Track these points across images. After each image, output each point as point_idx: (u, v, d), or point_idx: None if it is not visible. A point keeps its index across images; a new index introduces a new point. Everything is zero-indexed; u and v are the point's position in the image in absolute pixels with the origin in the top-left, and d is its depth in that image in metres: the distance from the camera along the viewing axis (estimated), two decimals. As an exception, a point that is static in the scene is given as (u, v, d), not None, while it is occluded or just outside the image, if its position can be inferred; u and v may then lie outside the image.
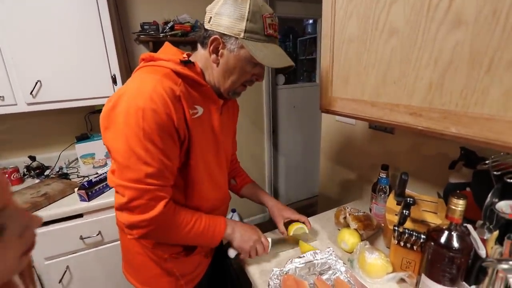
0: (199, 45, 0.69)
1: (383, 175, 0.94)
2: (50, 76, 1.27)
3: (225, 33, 0.62)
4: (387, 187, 0.92)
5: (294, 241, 0.87)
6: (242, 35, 0.61)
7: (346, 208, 0.90)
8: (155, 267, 0.77)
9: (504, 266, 0.49)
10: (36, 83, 1.24)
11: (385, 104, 0.63)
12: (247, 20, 0.60)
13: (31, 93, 1.24)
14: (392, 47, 0.59)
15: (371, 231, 0.87)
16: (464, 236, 0.56)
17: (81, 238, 1.21)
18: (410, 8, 0.54)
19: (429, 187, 0.93)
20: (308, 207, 2.81)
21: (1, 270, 0.30)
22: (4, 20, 1.15)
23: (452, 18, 0.48)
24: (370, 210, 1.03)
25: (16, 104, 1.25)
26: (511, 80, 0.42)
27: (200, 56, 0.69)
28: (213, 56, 0.66)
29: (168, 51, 0.70)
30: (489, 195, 0.56)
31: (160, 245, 0.75)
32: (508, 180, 0.51)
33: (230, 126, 0.87)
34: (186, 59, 0.65)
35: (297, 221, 0.91)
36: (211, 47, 0.65)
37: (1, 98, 1.22)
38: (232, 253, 0.79)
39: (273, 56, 0.64)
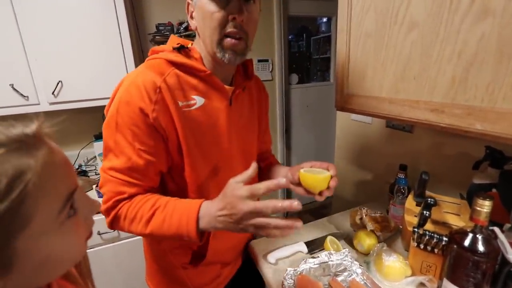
0: None
1: (401, 175, 0.90)
2: (70, 77, 1.32)
3: None
4: (406, 188, 0.89)
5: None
6: None
7: (362, 208, 0.87)
8: (167, 275, 0.76)
9: None
10: (58, 83, 1.29)
11: (404, 100, 0.61)
12: None
13: (53, 93, 1.30)
14: (412, 41, 0.57)
15: (388, 233, 0.84)
16: (490, 239, 0.53)
17: (99, 233, 1.25)
18: (431, 0, 0.52)
19: (451, 188, 0.89)
20: (322, 208, 2.77)
21: (76, 250, 0.33)
22: (29, 25, 1.21)
23: (478, 8, 0.45)
24: (387, 211, 0.99)
25: (39, 104, 1.31)
26: (545, 72, 0.39)
27: (196, 38, 0.64)
28: (192, 22, 0.62)
29: (169, 42, 0.65)
30: (519, 196, 0.52)
31: (171, 253, 0.72)
32: (540, 180, 0.48)
33: (251, 117, 0.75)
34: (178, 45, 0.60)
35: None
36: (188, 15, 0.62)
37: (26, 98, 1.27)
38: (271, 258, 0.76)
39: None
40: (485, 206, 0.51)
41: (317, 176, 0.60)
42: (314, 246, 0.85)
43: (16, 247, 0.26)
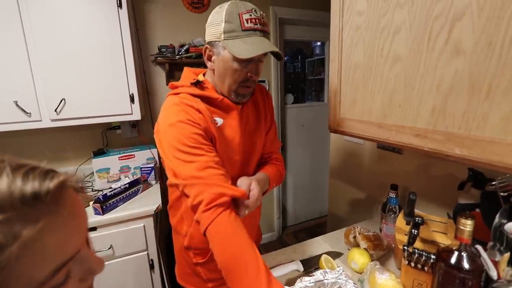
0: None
1: (392, 195, 0.94)
2: (74, 95, 1.36)
3: (212, 40, 0.68)
4: (397, 207, 0.93)
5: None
6: (222, 37, 0.65)
7: (356, 227, 0.90)
8: (187, 267, 0.88)
9: None
10: (61, 101, 1.33)
11: (391, 125, 0.66)
12: (224, 21, 0.65)
13: (55, 110, 1.33)
14: (396, 73, 0.63)
15: (381, 251, 0.86)
16: (474, 257, 0.56)
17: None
18: (412, 38, 0.59)
19: (438, 208, 0.93)
20: (318, 227, 2.77)
21: None
22: (37, 45, 1.26)
23: (451, 48, 0.52)
24: (381, 230, 1.02)
25: (41, 120, 1.34)
26: (509, 105, 0.45)
27: (208, 71, 0.76)
28: (209, 64, 0.73)
29: (184, 76, 0.78)
30: (497, 216, 0.56)
31: (190, 251, 0.84)
32: (515, 201, 0.52)
33: (258, 122, 0.84)
34: (195, 81, 0.72)
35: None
36: (206, 57, 0.72)
37: (28, 114, 1.30)
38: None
39: (250, 47, 0.64)
40: (467, 225, 0.55)
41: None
42: (310, 265, 0.87)
43: None
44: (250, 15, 0.64)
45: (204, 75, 0.79)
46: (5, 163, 0.25)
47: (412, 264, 0.70)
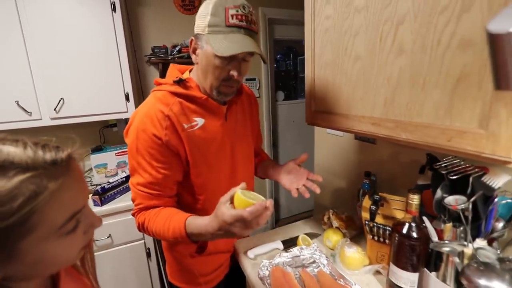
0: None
1: (366, 181, 1.04)
2: (72, 94, 1.44)
3: (198, 32, 0.66)
4: (369, 191, 1.02)
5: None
6: (206, 30, 0.64)
7: (330, 210, 0.99)
8: (178, 263, 0.90)
9: (446, 248, 0.59)
10: (60, 100, 1.41)
11: (355, 116, 0.75)
12: (210, 14, 0.62)
13: (54, 109, 1.41)
14: (357, 70, 0.72)
15: (354, 230, 0.96)
16: (421, 227, 0.66)
17: (93, 240, 1.32)
18: (368, 40, 0.68)
19: (404, 190, 1.02)
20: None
21: (68, 257, 0.38)
22: (36, 48, 1.34)
23: (396, 48, 0.61)
24: (357, 213, 1.12)
25: (41, 119, 1.42)
26: (438, 95, 0.54)
27: (194, 67, 0.75)
28: (193, 56, 0.71)
29: (169, 74, 0.77)
30: (438, 190, 0.66)
31: (181, 244, 0.86)
32: (450, 177, 0.62)
33: (245, 125, 0.87)
34: (177, 79, 0.71)
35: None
36: (191, 49, 0.70)
37: (29, 113, 1.38)
38: (251, 254, 0.89)
39: (230, 45, 0.62)
40: (414, 199, 0.65)
41: (249, 202, 0.57)
42: (290, 244, 0.96)
43: (18, 248, 0.32)
44: (237, 11, 0.62)
45: (190, 71, 0.79)
46: (25, 139, 0.34)
47: (376, 238, 0.79)
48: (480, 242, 0.63)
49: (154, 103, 0.71)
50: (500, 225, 0.64)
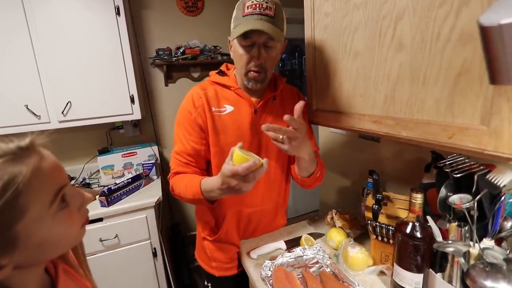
0: None
1: (369, 179, 1.02)
2: (79, 98, 1.48)
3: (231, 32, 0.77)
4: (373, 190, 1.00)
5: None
6: (231, 26, 0.76)
7: (333, 210, 0.98)
8: (199, 241, 1.01)
9: (450, 248, 0.57)
10: (67, 103, 1.45)
11: (355, 114, 0.74)
12: (235, 13, 0.74)
13: (62, 112, 1.44)
14: (357, 67, 0.71)
15: (358, 230, 0.94)
16: (425, 226, 0.64)
17: (101, 240, 1.35)
18: (367, 36, 0.66)
19: (408, 188, 1.00)
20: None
21: (70, 234, 0.40)
22: (44, 53, 1.38)
23: (396, 43, 0.59)
24: (362, 212, 1.10)
25: (49, 122, 1.46)
26: (439, 91, 0.52)
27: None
28: (231, 54, 0.83)
29: (220, 68, 0.90)
30: (442, 188, 0.64)
31: (199, 225, 0.99)
32: (455, 175, 0.60)
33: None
34: (218, 70, 0.87)
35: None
36: (229, 47, 0.83)
37: (38, 117, 1.42)
38: (254, 254, 0.90)
39: (242, 28, 0.69)
40: (417, 198, 0.63)
41: (245, 157, 0.60)
42: (293, 244, 0.95)
43: (17, 231, 0.33)
44: (252, 2, 0.70)
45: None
46: None
47: (379, 238, 0.78)
48: (488, 242, 0.61)
49: (197, 87, 0.85)
50: (508, 224, 0.62)
